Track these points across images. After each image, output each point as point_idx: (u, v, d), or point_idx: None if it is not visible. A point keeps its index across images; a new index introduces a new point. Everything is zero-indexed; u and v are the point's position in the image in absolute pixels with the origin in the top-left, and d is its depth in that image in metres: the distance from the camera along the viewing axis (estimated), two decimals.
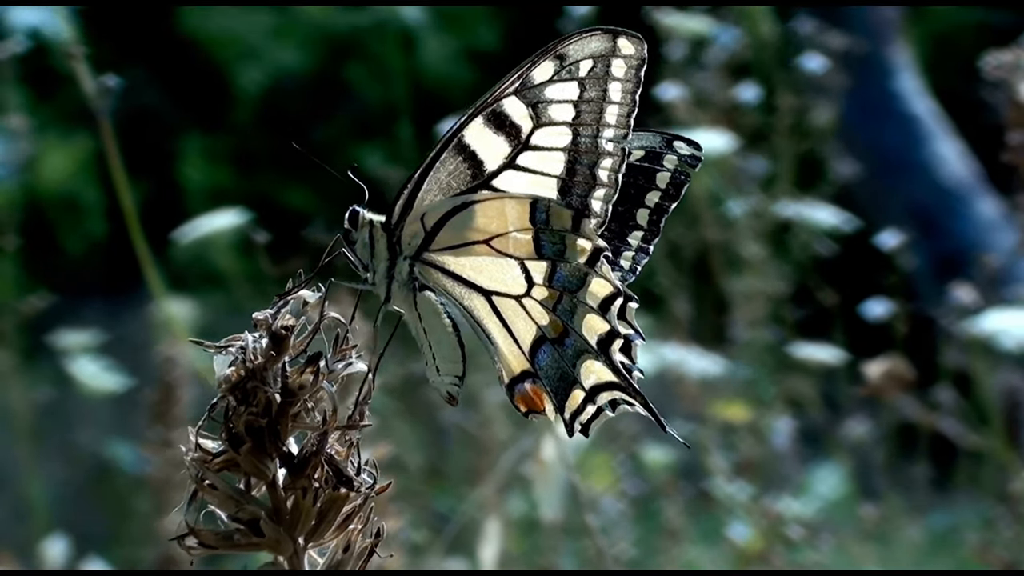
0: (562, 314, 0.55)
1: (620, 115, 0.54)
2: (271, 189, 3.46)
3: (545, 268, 0.54)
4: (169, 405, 1.22)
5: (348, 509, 0.45)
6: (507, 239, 0.54)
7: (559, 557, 1.30)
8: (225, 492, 0.44)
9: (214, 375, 0.44)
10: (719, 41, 1.69)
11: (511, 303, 0.55)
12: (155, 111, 3.69)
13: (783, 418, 1.65)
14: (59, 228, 3.69)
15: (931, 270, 2.25)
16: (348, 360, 0.46)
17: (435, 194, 0.55)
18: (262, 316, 0.45)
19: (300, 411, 0.44)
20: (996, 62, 1.00)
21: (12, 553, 1.42)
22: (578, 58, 0.53)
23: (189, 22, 3.82)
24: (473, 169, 0.55)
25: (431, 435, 1.72)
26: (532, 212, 0.54)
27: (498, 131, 0.54)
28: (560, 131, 0.54)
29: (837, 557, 1.55)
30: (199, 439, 0.44)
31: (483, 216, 0.54)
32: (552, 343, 0.55)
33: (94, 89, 0.89)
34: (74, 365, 1.57)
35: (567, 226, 0.54)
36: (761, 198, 1.68)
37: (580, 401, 0.55)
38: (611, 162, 0.54)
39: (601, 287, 0.54)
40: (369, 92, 3.80)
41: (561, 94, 0.54)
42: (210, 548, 0.44)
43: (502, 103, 0.54)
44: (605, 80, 0.53)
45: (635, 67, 0.53)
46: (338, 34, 3.85)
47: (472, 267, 0.55)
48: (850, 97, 2.28)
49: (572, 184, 0.54)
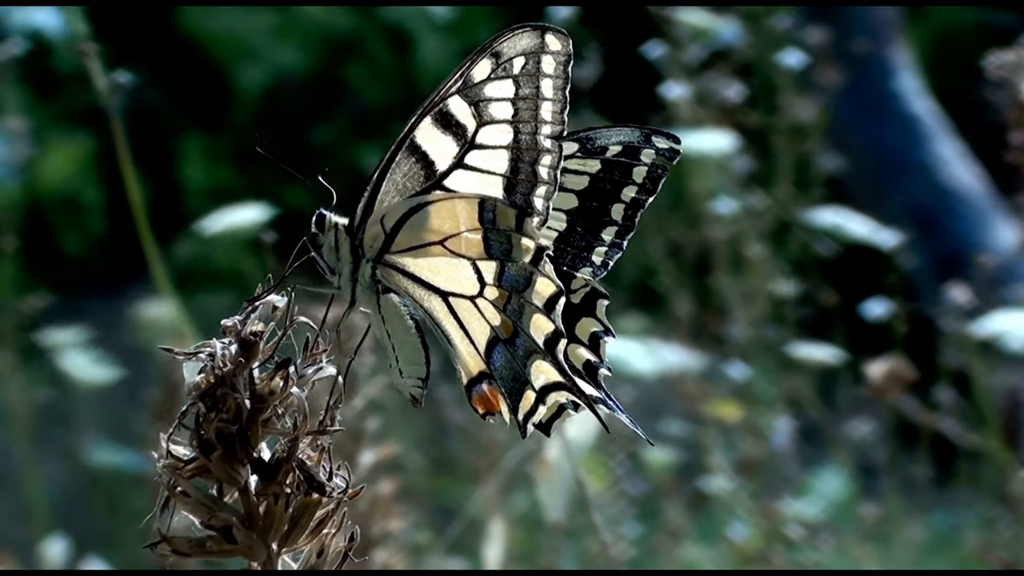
0: (512, 314, 0.54)
1: (554, 111, 0.53)
2: (272, 188, 3.46)
3: (495, 268, 0.54)
4: (170, 405, 1.22)
5: (321, 514, 0.45)
6: (459, 239, 0.54)
7: (560, 557, 1.30)
8: (197, 499, 0.44)
9: None
10: (722, 39, 1.69)
11: (466, 304, 0.55)
12: (155, 111, 3.69)
13: (783, 418, 1.65)
14: (59, 228, 3.69)
15: (931, 270, 2.25)
16: (318, 365, 0.46)
17: (392, 196, 0.55)
18: (230, 322, 0.45)
19: (271, 417, 0.44)
20: (998, 62, 1.01)
21: (12, 553, 1.42)
22: (511, 55, 0.53)
23: (189, 22, 3.82)
24: (426, 169, 0.55)
25: (433, 434, 1.72)
26: (480, 212, 0.54)
27: (445, 131, 0.54)
28: (502, 129, 0.54)
29: (837, 557, 1.55)
30: (170, 445, 0.44)
31: (436, 217, 0.54)
32: (504, 343, 0.55)
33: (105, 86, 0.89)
34: (63, 359, 1.57)
35: (512, 225, 0.54)
36: (762, 197, 1.68)
37: (532, 402, 0.55)
38: (550, 159, 0.54)
39: (545, 286, 0.54)
40: (369, 92, 3.80)
41: (499, 92, 0.53)
42: (183, 555, 0.44)
43: (447, 103, 0.54)
44: (537, 77, 0.53)
45: (563, 63, 0.53)
46: (338, 34, 3.85)
47: (429, 268, 0.55)
48: (850, 97, 2.28)
49: (516, 182, 0.54)
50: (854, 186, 2.32)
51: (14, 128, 1.57)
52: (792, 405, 1.68)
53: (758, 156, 1.71)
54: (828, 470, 1.74)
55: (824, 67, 1.81)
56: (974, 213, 2.38)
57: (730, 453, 1.59)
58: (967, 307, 1.41)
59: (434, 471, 1.66)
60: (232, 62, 3.83)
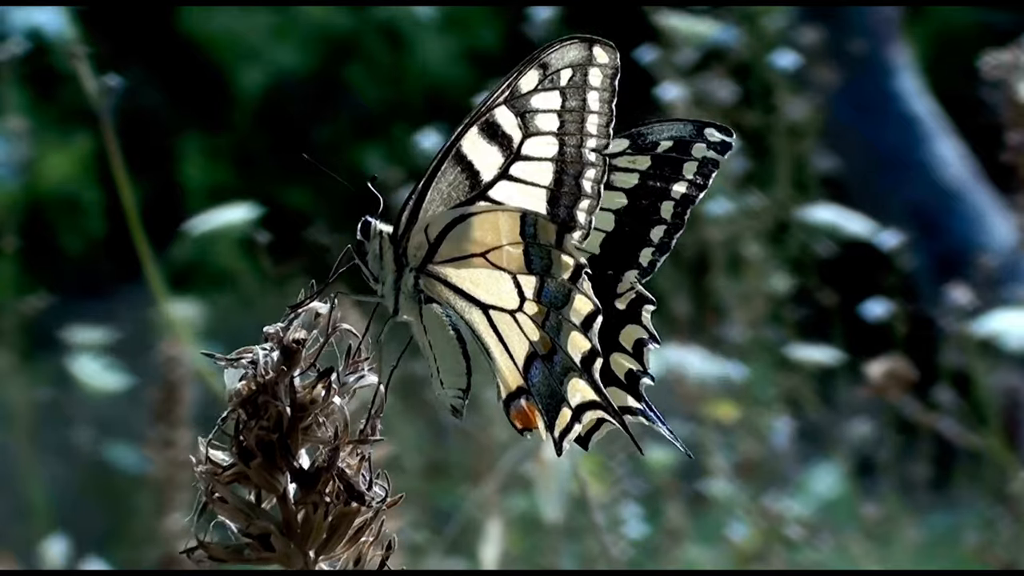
0: (550, 330, 0.54)
1: (600, 125, 0.53)
2: (271, 189, 3.46)
3: (535, 283, 0.54)
4: (171, 405, 1.22)
5: (359, 523, 0.45)
6: (501, 252, 0.54)
7: (559, 557, 1.30)
8: (235, 505, 0.44)
9: (225, 386, 0.44)
10: (716, 40, 1.69)
11: (506, 317, 0.54)
12: (155, 111, 3.69)
13: (783, 418, 1.65)
14: (59, 228, 3.69)
15: (931, 270, 2.25)
16: (360, 373, 0.46)
17: (437, 205, 0.54)
18: (273, 330, 0.44)
19: (311, 425, 0.44)
20: (995, 62, 1.01)
21: (12, 553, 1.42)
22: (559, 67, 0.52)
23: (189, 22, 3.82)
24: (471, 179, 0.54)
25: (431, 434, 1.72)
26: (522, 225, 0.54)
27: (491, 141, 0.53)
28: (548, 141, 0.53)
29: (837, 557, 1.55)
30: (209, 451, 0.44)
31: (479, 229, 0.54)
32: (543, 360, 0.54)
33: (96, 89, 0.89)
34: (75, 364, 1.57)
35: (552, 240, 0.53)
36: (759, 197, 1.68)
37: (568, 420, 0.54)
38: (594, 172, 0.53)
39: (583, 304, 0.53)
40: (369, 92, 3.80)
41: (546, 103, 0.53)
42: (220, 561, 0.44)
43: (494, 113, 0.53)
44: (584, 89, 0.52)
45: (610, 76, 0.53)
46: (338, 34, 3.85)
47: (471, 280, 0.54)
48: (850, 97, 2.28)
49: (560, 195, 0.53)
50: (854, 186, 2.32)
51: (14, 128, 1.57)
52: (791, 405, 1.68)
53: (755, 156, 1.72)
54: (824, 469, 1.74)
55: (821, 67, 1.81)
56: (974, 213, 2.38)
57: (730, 453, 1.59)
58: (967, 307, 1.41)
59: (432, 472, 1.66)
60: (232, 62, 3.83)
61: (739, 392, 1.62)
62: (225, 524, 0.44)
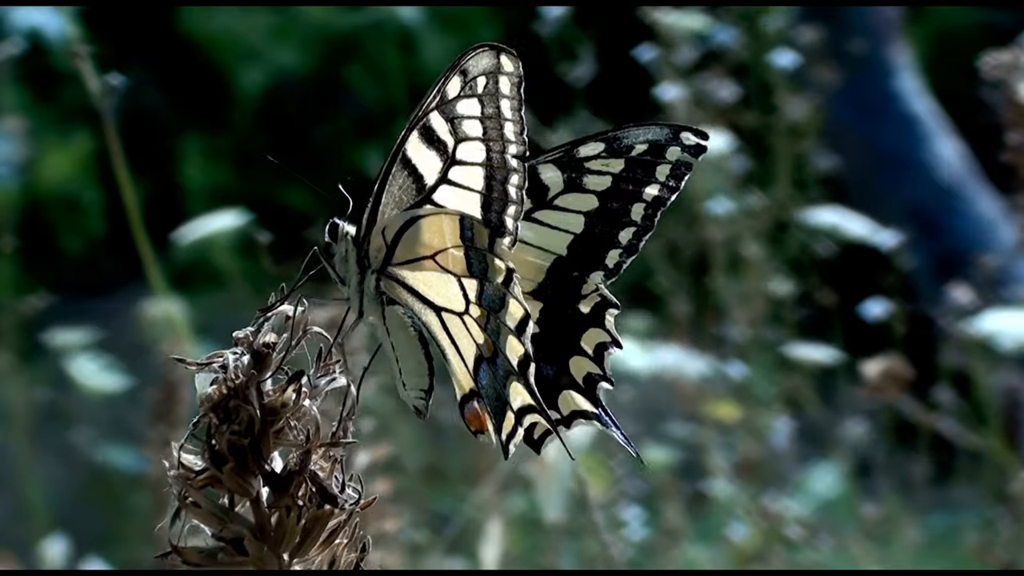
0: (491, 334, 0.54)
1: (516, 132, 0.53)
2: (271, 189, 3.46)
3: (476, 286, 0.54)
4: (170, 405, 1.22)
5: (333, 525, 0.45)
6: (447, 255, 0.54)
7: (559, 557, 1.31)
8: (208, 510, 0.44)
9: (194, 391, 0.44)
10: (716, 39, 1.69)
11: (456, 320, 0.54)
12: (155, 111, 3.69)
13: (782, 418, 1.65)
14: (59, 228, 3.69)
15: (931, 270, 2.25)
16: (331, 376, 0.46)
17: (392, 208, 0.54)
18: (243, 334, 0.44)
19: (283, 428, 0.44)
20: (995, 62, 1.01)
21: (12, 553, 1.42)
22: (475, 74, 0.53)
23: (189, 22, 3.82)
24: (417, 183, 0.54)
25: (430, 435, 1.72)
26: (461, 229, 0.54)
27: (430, 146, 0.54)
28: (476, 146, 0.53)
29: (836, 557, 1.55)
30: (182, 456, 0.44)
31: (427, 231, 0.54)
32: (487, 362, 0.54)
33: (99, 88, 0.89)
34: (73, 365, 1.57)
35: (485, 244, 0.54)
36: (759, 197, 1.68)
37: (512, 423, 0.54)
38: (517, 178, 0.53)
39: (516, 308, 0.54)
40: (369, 92, 3.80)
41: (468, 110, 0.53)
42: (195, 566, 0.44)
43: (429, 118, 0.53)
44: (497, 97, 0.53)
45: (515, 84, 0.53)
46: (338, 34, 3.85)
47: (424, 282, 0.55)
48: (850, 97, 2.28)
49: (491, 200, 0.54)
50: (854, 186, 2.32)
51: (14, 128, 1.57)
52: (791, 405, 1.68)
53: (755, 156, 1.72)
54: (823, 469, 1.74)
55: (821, 67, 1.81)
56: (974, 213, 2.38)
57: (729, 453, 1.60)
58: (967, 307, 1.41)
59: (431, 472, 1.67)
60: (232, 63, 3.83)
61: (739, 392, 1.62)
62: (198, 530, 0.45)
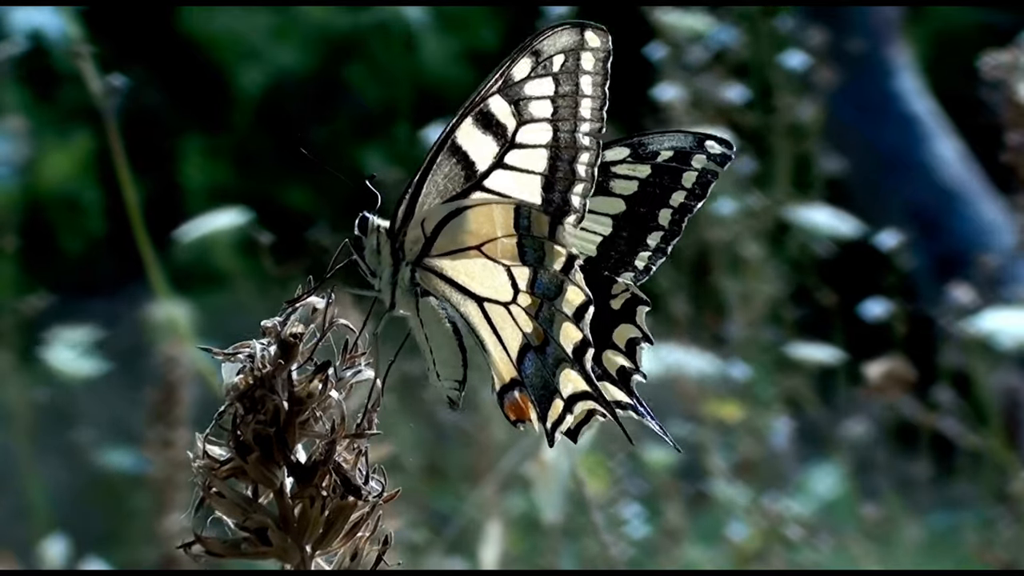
0: (543, 322, 0.54)
1: (593, 108, 0.53)
2: (271, 189, 3.46)
3: (528, 274, 0.54)
4: (170, 405, 1.22)
5: (356, 517, 0.45)
6: (496, 244, 0.54)
7: (559, 557, 1.30)
8: (232, 500, 0.44)
9: (221, 380, 0.44)
10: (717, 39, 1.69)
11: (500, 310, 0.55)
12: (155, 111, 3.69)
13: (782, 418, 1.65)
14: (59, 228, 3.69)
15: (931, 270, 2.25)
16: (357, 368, 0.46)
17: (433, 198, 0.55)
18: (271, 324, 0.45)
19: (308, 419, 0.44)
20: (994, 62, 1.01)
21: (12, 553, 1.42)
22: (551, 53, 0.53)
23: (190, 22, 3.82)
24: (466, 170, 0.54)
25: (430, 435, 1.72)
26: (516, 217, 0.54)
27: (486, 131, 0.54)
28: (541, 127, 0.54)
29: (837, 557, 1.55)
30: (206, 446, 0.44)
31: (474, 221, 0.54)
32: (535, 351, 0.54)
33: (101, 88, 0.89)
34: (49, 353, 1.56)
35: (545, 232, 0.54)
36: (759, 197, 1.68)
37: (560, 410, 0.55)
38: (588, 156, 0.54)
39: (576, 295, 0.54)
40: (369, 92, 3.80)
41: (539, 90, 0.53)
42: (217, 556, 0.44)
43: (488, 102, 0.54)
44: (576, 74, 0.53)
45: (602, 59, 0.53)
46: (338, 34, 3.85)
47: (466, 273, 0.55)
48: (850, 97, 2.28)
49: (554, 180, 0.54)
50: (854, 186, 2.32)
51: (14, 128, 1.57)
52: (791, 405, 1.68)
53: (756, 156, 1.71)
54: (824, 469, 1.74)
55: (822, 67, 1.81)
56: (974, 213, 2.38)
57: (729, 453, 1.59)
58: (967, 307, 1.41)
59: (431, 472, 1.66)
60: (232, 63, 3.83)
61: (739, 392, 1.62)
62: (221, 522, 0.44)
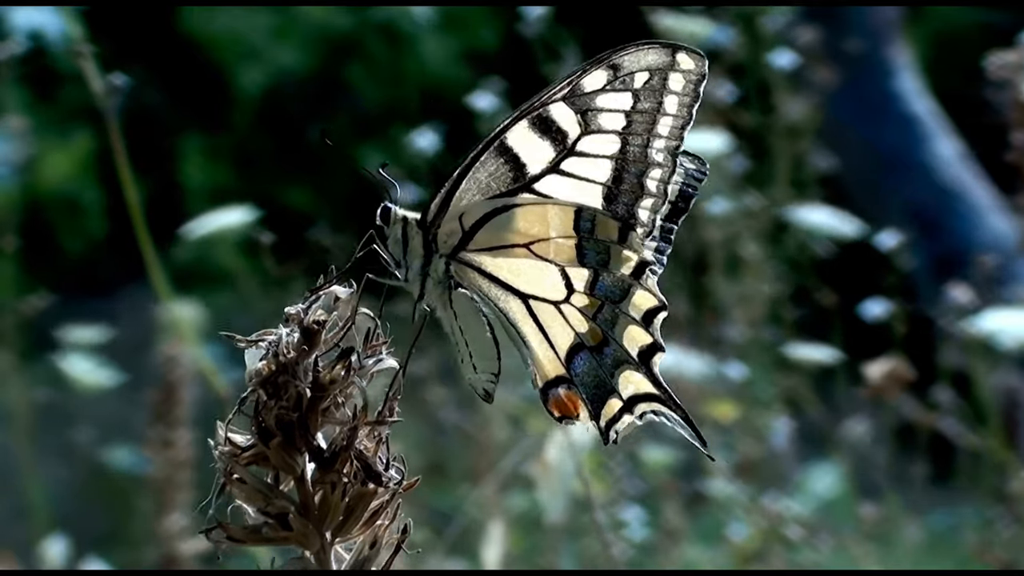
0: (603, 323, 0.55)
1: (674, 127, 0.54)
2: (272, 189, 3.46)
3: (587, 276, 0.55)
4: (170, 405, 1.22)
5: (376, 504, 0.45)
6: (548, 244, 0.55)
7: (559, 557, 1.31)
8: (254, 486, 0.44)
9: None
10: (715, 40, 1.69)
11: (548, 308, 0.55)
12: (156, 111, 3.69)
13: (782, 418, 1.65)
14: (59, 228, 3.69)
15: (931, 270, 2.25)
16: (379, 356, 0.46)
17: (473, 194, 0.55)
18: (294, 310, 0.45)
19: (330, 406, 0.45)
20: (999, 62, 1.01)
21: (12, 553, 1.42)
22: (633, 70, 0.54)
23: (190, 22, 3.82)
24: (515, 171, 0.55)
25: (431, 434, 1.72)
26: (576, 220, 0.54)
27: (543, 135, 0.54)
28: (609, 139, 0.54)
29: (836, 557, 1.55)
30: (228, 432, 0.44)
31: (524, 220, 0.55)
32: (590, 351, 0.55)
33: (101, 88, 0.89)
34: (66, 362, 1.57)
35: (613, 237, 0.54)
36: (758, 197, 1.68)
37: (617, 410, 0.55)
38: (660, 172, 0.54)
39: (645, 299, 0.54)
40: (369, 92, 3.80)
41: (613, 103, 0.54)
42: (238, 542, 0.44)
43: (549, 108, 0.54)
44: (661, 93, 0.54)
45: (695, 81, 0.54)
46: (338, 34, 3.85)
47: (510, 269, 0.55)
48: (850, 97, 2.28)
49: (618, 192, 0.54)
50: (854, 186, 2.32)
51: (14, 128, 1.57)
52: (791, 405, 1.68)
53: (753, 156, 1.72)
54: (823, 469, 1.74)
55: (820, 67, 1.81)
56: (974, 213, 2.38)
57: (729, 453, 1.59)
58: (967, 307, 1.41)
59: (432, 472, 1.67)
60: (232, 62, 3.83)
61: (739, 392, 1.62)
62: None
